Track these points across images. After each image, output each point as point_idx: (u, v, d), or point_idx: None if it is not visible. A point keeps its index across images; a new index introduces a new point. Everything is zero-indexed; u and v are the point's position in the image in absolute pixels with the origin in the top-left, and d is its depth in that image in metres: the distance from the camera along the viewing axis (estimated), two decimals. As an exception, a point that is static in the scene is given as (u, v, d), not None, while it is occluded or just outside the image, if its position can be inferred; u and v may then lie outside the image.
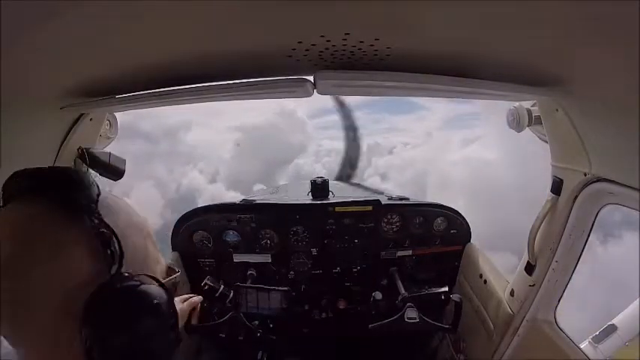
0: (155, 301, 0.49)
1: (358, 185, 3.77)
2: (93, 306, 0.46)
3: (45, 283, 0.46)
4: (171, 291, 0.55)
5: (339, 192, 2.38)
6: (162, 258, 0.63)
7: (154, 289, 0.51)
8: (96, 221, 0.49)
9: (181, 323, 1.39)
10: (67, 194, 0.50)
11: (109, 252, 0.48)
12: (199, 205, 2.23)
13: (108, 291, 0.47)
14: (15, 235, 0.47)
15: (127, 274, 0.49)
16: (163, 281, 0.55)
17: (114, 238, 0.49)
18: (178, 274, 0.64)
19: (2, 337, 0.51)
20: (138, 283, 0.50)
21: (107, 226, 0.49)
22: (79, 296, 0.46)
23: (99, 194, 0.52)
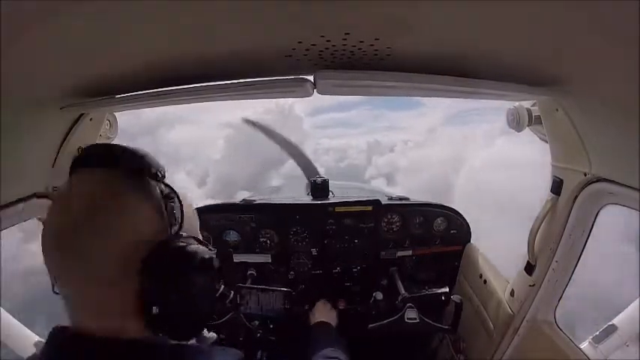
0: (206, 259, 0.57)
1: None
2: (151, 259, 0.53)
3: (115, 234, 0.53)
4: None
5: (340, 192, 2.38)
6: (199, 233, 0.70)
7: (204, 249, 0.59)
8: (163, 186, 0.57)
9: None
10: (140, 162, 0.58)
11: (172, 214, 0.56)
12: (198, 206, 2.23)
13: (167, 247, 0.54)
14: (94, 194, 0.54)
15: (184, 235, 0.57)
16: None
17: (177, 202, 0.57)
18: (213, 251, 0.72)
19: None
20: (193, 243, 0.57)
21: (174, 192, 0.57)
22: (142, 249, 0.53)
23: (165, 170, 0.60)
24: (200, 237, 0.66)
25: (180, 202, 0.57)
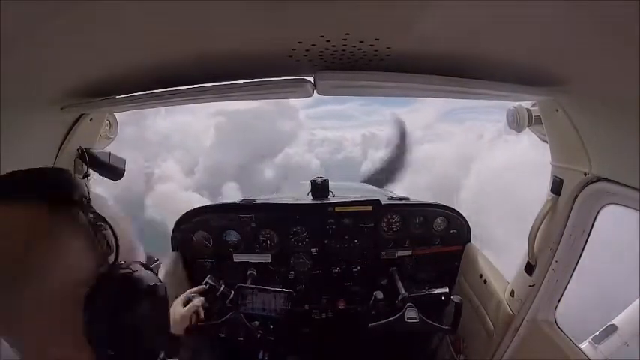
0: (152, 284, 0.53)
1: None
2: (95, 294, 0.48)
3: (48, 278, 0.47)
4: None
5: (340, 192, 2.38)
6: (141, 247, 0.65)
7: (149, 274, 0.54)
8: (91, 215, 0.51)
9: (183, 327, 1.39)
10: (60, 191, 0.52)
11: (105, 243, 0.51)
12: (199, 206, 2.23)
13: (108, 279, 0.49)
14: (15, 236, 0.47)
15: (123, 263, 0.52)
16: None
17: (109, 230, 0.52)
18: (158, 262, 0.69)
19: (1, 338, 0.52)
20: (134, 270, 0.52)
21: (103, 219, 0.52)
22: (82, 287, 0.48)
23: (89, 192, 0.54)
24: (142, 257, 0.62)
25: (111, 227, 0.52)
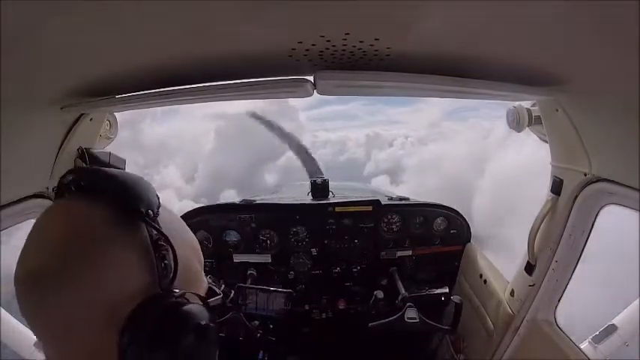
0: (202, 323, 0.47)
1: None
2: (136, 319, 0.43)
3: (92, 288, 0.43)
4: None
5: (340, 192, 2.38)
6: (205, 278, 0.60)
7: (202, 310, 0.49)
8: (154, 231, 0.47)
9: None
10: (127, 197, 0.47)
11: (162, 265, 0.46)
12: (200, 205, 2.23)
13: (155, 305, 0.44)
14: (69, 237, 0.44)
15: (176, 291, 0.47)
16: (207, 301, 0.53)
17: (170, 251, 0.47)
18: (220, 297, 0.63)
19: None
20: (187, 302, 0.47)
21: (166, 238, 0.47)
22: (125, 307, 0.43)
23: (159, 205, 0.50)
24: (203, 288, 0.57)
25: (173, 249, 0.47)
